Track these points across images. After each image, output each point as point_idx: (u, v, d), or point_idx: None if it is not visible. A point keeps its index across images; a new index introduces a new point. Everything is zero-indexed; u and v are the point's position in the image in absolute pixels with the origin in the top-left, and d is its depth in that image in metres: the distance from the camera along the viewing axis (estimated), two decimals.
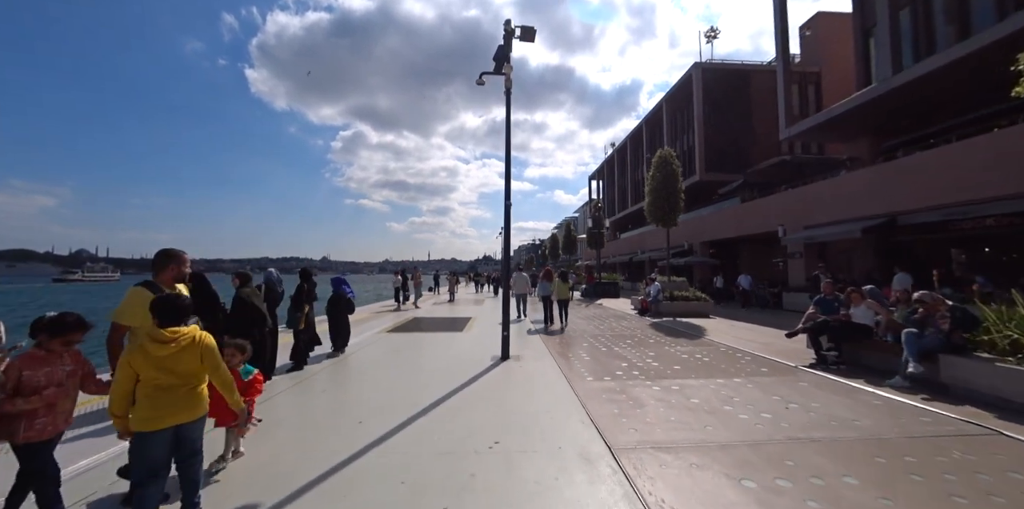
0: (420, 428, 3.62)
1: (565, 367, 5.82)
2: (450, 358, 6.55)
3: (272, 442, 3.28)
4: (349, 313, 6.97)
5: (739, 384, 4.88)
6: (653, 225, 15.23)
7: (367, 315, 13.21)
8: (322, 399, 4.48)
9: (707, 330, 9.42)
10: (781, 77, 17.04)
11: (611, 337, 8.54)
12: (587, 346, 7.55)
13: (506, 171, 6.60)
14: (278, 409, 4.14)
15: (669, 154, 14.42)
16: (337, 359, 6.44)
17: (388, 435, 3.46)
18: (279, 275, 5.65)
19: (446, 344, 7.90)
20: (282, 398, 4.48)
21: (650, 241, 29.54)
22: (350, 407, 4.20)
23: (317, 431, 3.56)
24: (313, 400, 4.46)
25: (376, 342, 8.05)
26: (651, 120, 33.11)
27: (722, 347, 7.29)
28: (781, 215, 16.10)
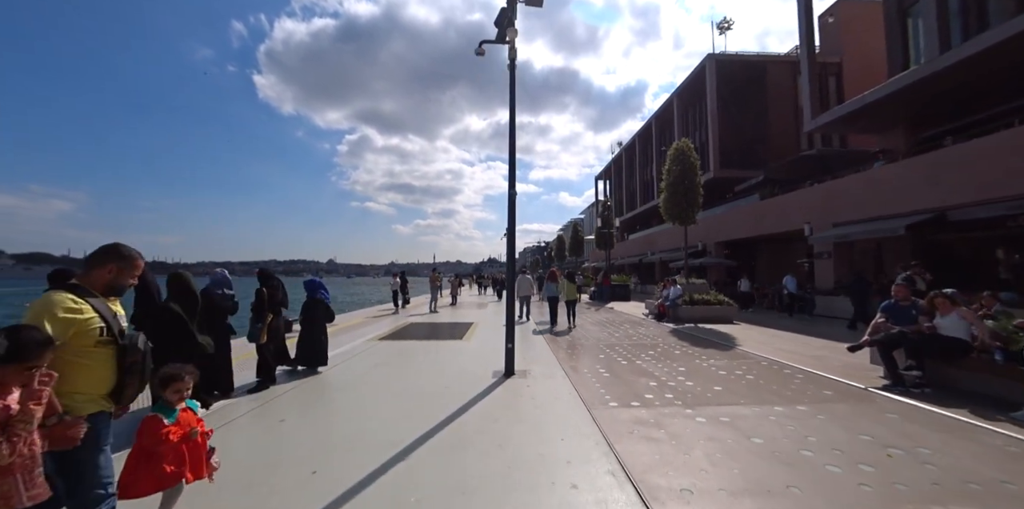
0: (392, 481, 2.64)
1: (581, 386, 4.81)
2: (444, 374, 5.56)
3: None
4: (328, 321, 6.02)
5: (806, 414, 3.84)
6: (669, 223, 14.15)
7: (362, 320, 12.28)
8: (274, 434, 3.51)
9: (737, 339, 8.35)
10: (805, 63, 15.93)
11: (630, 347, 7.51)
12: (604, 358, 6.52)
13: (510, 156, 5.63)
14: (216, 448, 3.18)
15: (687, 145, 13.37)
16: (312, 376, 5.48)
17: (348, 494, 2.49)
18: (226, 276, 4.60)
19: (442, 355, 6.92)
20: (226, 432, 3.52)
21: (661, 241, 28.40)
22: (308, 447, 3.23)
23: (251, 488, 2.58)
24: (263, 436, 3.49)
25: (363, 352, 7.09)
26: (661, 116, 32.02)
27: (763, 361, 6.22)
28: (807, 212, 14.96)
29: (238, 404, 4.23)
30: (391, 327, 10.45)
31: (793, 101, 23.85)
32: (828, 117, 14.79)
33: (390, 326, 10.64)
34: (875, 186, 12.23)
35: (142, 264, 2.11)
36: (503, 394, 4.58)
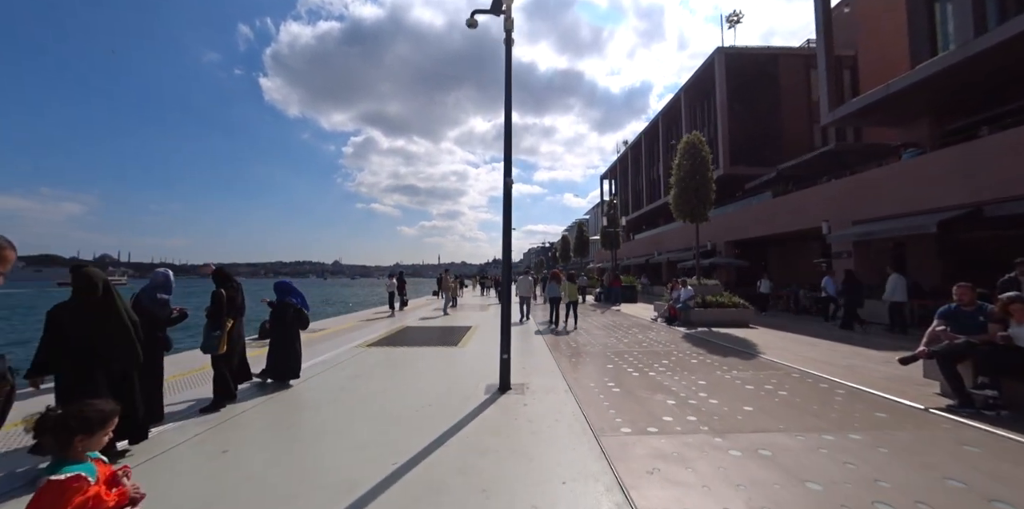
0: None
1: (588, 405, 4.12)
2: (431, 388, 4.89)
3: None
4: (301, 329, 5.37)
5: (863, 446, 3.12)
6: (679, 222, 13.41)
7: (354, 323, 11.66)
8: (208, 470, 2.85)
9: (758, 346, 7.61)
10: (823, 53, 15.12)
11: (641, 355, 6.79)
12: (612, 369, 5.82)
13: (506, 141, 4.97)
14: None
15: (698, 139, 12.64)
16: (281, 391, 4.83)
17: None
18: (168, 278, 3.84)
19: (433, 364, 6.25)
20: (151, 468, 2.87)
21: (668, 241, 27.60)
22: (243, 489, 2.56)
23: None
24: (193, 473, 2.83)
25: (345, 361, 6.44)
26: (668, 113, 31.24)
27: (793, 372, 5.49)
28: (824, 210, 14.16)
29: (183, 428, 3.59)
30: (384, 331, 9.81)
31: (806, 96, 23.03)
32: (847, 109, 13.99)
33: (383, 330, 10.00)
34: (902, 180, 11.43)
35: (13, 255, 1.72)
36: (495, 415, 3.90)
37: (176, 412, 4.02)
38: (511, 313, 4.96)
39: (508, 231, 4.82)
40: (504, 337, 4.82)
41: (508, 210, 4.86)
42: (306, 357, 6.70)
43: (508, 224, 4.84)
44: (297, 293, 5.51)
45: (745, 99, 23.26)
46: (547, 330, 9.93)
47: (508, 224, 4.84)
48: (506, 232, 4.82)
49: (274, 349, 5.13)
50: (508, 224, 4.84)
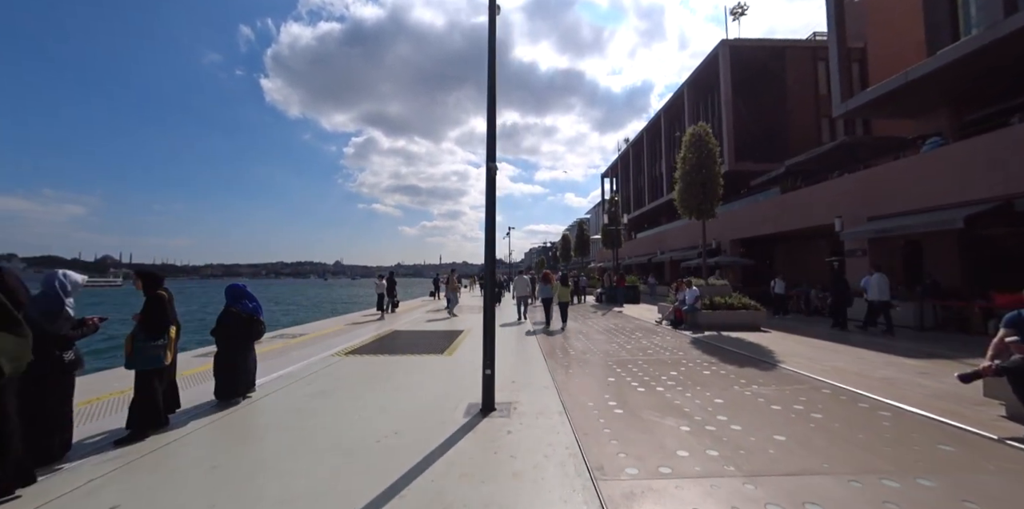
0: None
1: (585, 434, 3.42)
2: (403, 409, 4.19)
3: None
4: (254, 339, 4.68)
5: (943, 497, 2.41)
6: (684, 219, 12.69)
7: (340, 327, 10.96)
8: None
9: (775, 353, 6.89)
10: (835, 42, 14.38)
11: (646, 364, 6.08)
12: (614, 382, 5.11)
13: (489, 120, 4.26)
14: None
15: (704, 130, 11.92)
16: (225, 413, 4.13)
17: None
18: (65, 280, 3.09)
19: (412, 377, 5.55)
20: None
21: (671, 240, 26.87)
22: None
23: None
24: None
25: (315, 374, 5.74)
26: (671, 109, 30.50)
27: (824, 387, 4.76)
28: (837, 205, 13.44)
29: (80, 469, 2.89)
30: (369, 337, 9.11)
31: (813, 89, 22.28)
32: (862, 99, 13.25)
33: (368, 335, 9.30)
34: (923, 173, 10.69)
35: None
36: (471, 448, 3.19)
37: (90, 443, 3.33)
38: (495, 319, 4.24)
39: (492, 221, 4.12)
40: (487, 348, 4.11)
41: (492, 198, 4.16)
42: (273, 367, 6.04)
43: (492, 213, 4.14)
44: (251, 298, 4.82)
45: (750, 93, 22.51)
46: (543, 332, 9.23)
47: (492, 213, 4.14)
48: (489, 222, 4.12)
49: (220, 363, 4.43)
50: (492, 213, 4.14)
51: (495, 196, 4.15)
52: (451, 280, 14.53)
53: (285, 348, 7.74)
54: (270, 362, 6.46)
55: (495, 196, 4.15)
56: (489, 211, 4.12)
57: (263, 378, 5.37)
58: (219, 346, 4.56)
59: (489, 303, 4.22)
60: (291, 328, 11.05)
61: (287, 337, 9.12)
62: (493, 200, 4.15)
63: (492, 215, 4.16)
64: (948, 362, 6.07)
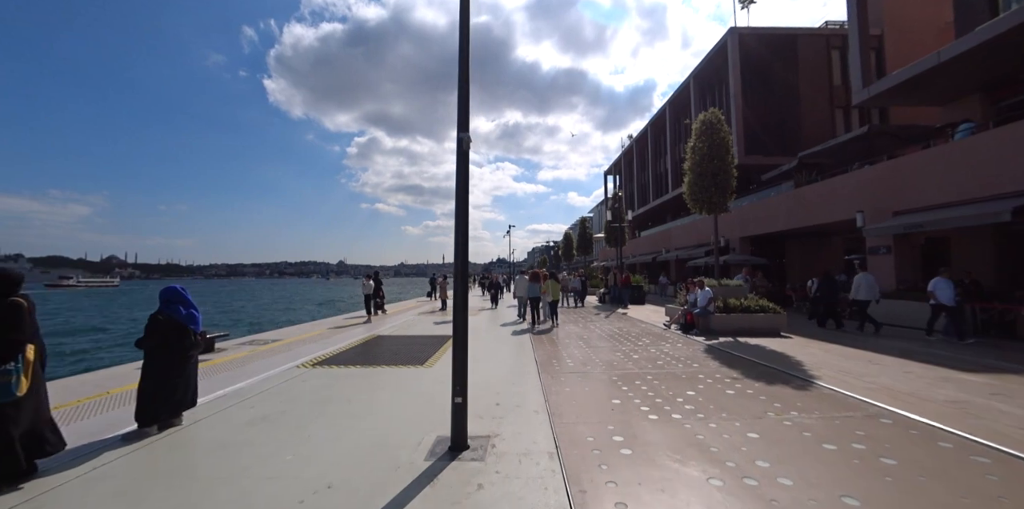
0: None
1: (582, 489, 2.53)
2: (352, 447, 3.31)
3: None
4: (191, 351, 3.82)
5: None
6: (696, 214, 11.76)
7: (321, 331, 10.11)
8: None
9: (804, 364, 5.96)
10: (855, 25, 13.37)
11: (657, 380, 5.17)
12: (620, 405, 4.20)
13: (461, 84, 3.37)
14: None
15: (716, 117, 10.96)
16: (123, 452, 3.26)
17: None
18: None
19: (378, 397, 4.67)
20: None
21: (677, 238, 25.89)
22: None
23: None
24: None
25: (267, 392, 4.87)
26: (676, 101, 29.48)
27: (882, 416, 3.83)
28: (858, 199, 12.46)
29: None
30: (347, 343, 8.25)
31: (827, 79, 21.22)
32: (886, 84, 12.25)
33: (347, 341, 8.44)
34: (957, 162, 9.70)
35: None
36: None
37: None
38: (466, 330, 3.36)
39: (464, 202, 3.24)
40: (458, 368, 3.23)
41: (465, 175, 3.28)
42: (225, 382, 5.18)
43: (464, 193, 3.26)
44: (188, 303, 3.95)
45: (760, 84, 21.49)
46: (540, 337, 8.33)
47: (464, 193, 3.26)
48: (461, 203, 3.23)
49: (141, 382, 3.57)
50: (464, 193, 3.26)
51: (468, 172, 3.26)
52: (441, 283, 13.71)
53: (249, 357, 6.90)
54: (224, 375, 5.62)
55: (468, 172, 3.26)
56: (461, 190, 3.24)
57: (206, 396, 4.52)
58: (145, 360, 3.71)
59: (460, 308, 3.32)
60: (265, 332, 10.21)
61: (257, 343, 8.28)
62: (466, 177, 3.26)
63: (465, 195, 3.27)
64: (1018, 378, 5.13)
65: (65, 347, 17.10)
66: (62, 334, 21.10)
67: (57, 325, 25.09)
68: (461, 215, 3.22)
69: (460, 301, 3.30)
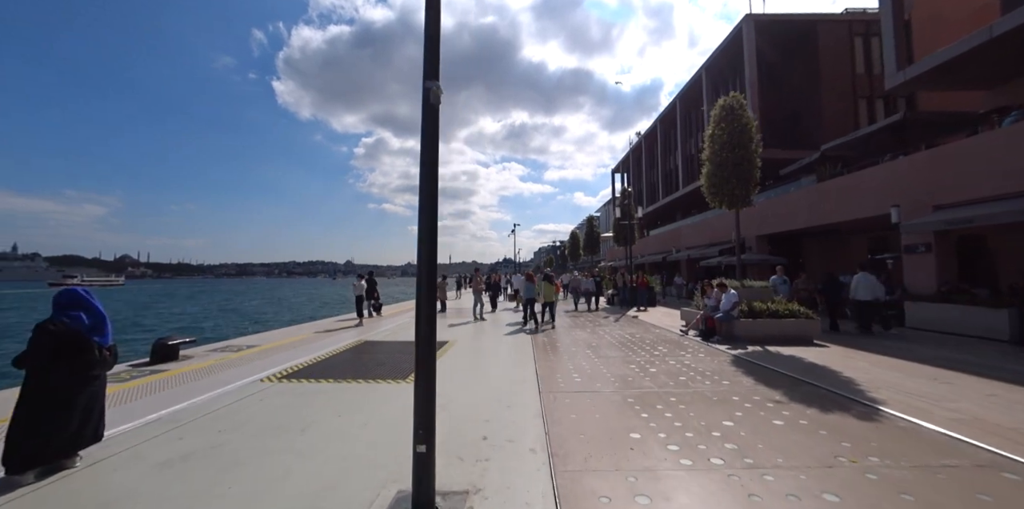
0: None
1: None
2: (292, 499, 2.45)
3: None
4: (94, 370, 3.00)
5: None
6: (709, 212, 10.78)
7: (306, 335, 9.31)
8: None
9: (856, 382, 5.00)
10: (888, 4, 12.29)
11: (682, 403, 4.25)
12: (640, 441, 3.30)
13: (428, 21, 2.50)
14: None
15: (738, 101, 9.99)
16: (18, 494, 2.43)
17: None
18: None
19: (339, 425, 3.81)
20: None
21: (688, 237, 24.83)
22: None
23: None
24: None
25: (213, 414, 4.04)
26: (686, 95, 28.39)
27: (1002, 467, 2.87)
28: (892, 193, 11.39)
29: None
30: (328, 350, 7.42)
31: (849, 67, 20.05)
32: (926, 66, 11.16)
33: (330, 348, 7.61)
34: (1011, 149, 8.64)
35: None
36: None
37: None
38: (434, 352, 2.47)
39: (432, 166, 2.37)
40: (420, 407, 2.35)
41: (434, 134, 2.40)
42: (165, 402, 4.35)
43: (433, 155, 2.38)
44: (91, 309, 3.12)
45: (777, 73, 20.39)
46: (543, 345, 7.44)
47: (433, 155, 2.38)
48: (428, 168, 2.36)
49: (21, 411, 2.75)
50: (433, 155, 2.38)
51: (436, 132, 2.39)
52: (476, 280, 12.93)
53: (212, 368, 6.09)
54: (170, 392, 4.80)
55: (436, 132, 2.39)
56: (428, 154, 2.36)
57: (129, 424, 3.71)
58: (25, 382, 2.88)
59: (424, 321, 2.43)
60: (245, 337, 9.42)
61: (230, 350, 7.48)
62: (435, 137, 2.39)
63: (433, 161, 2.39)
64: None
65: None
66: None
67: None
68: (428, 188, 2.35)
69: (424, 311, 2.41)
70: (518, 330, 10.06)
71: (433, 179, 2.39)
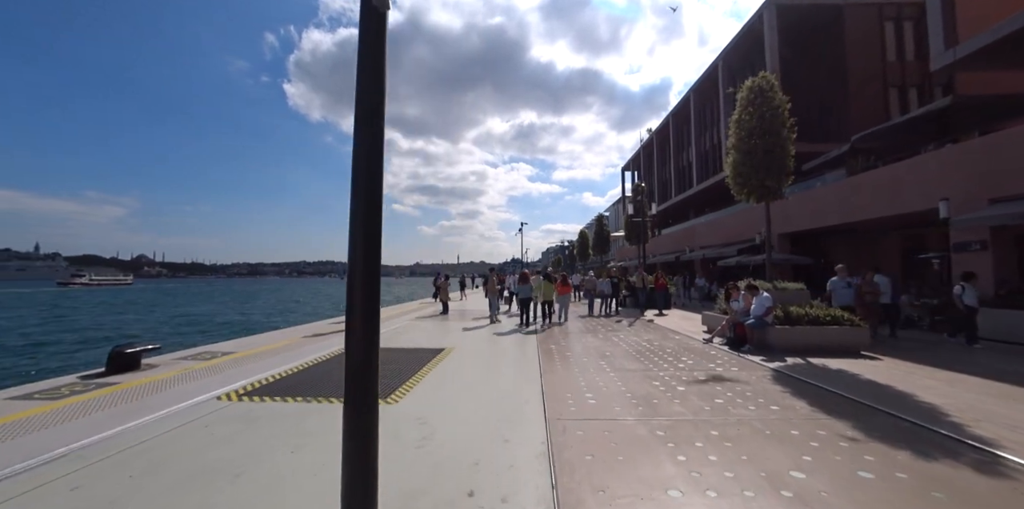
0: None
1: None
2: None
3: None
4: None
5: None
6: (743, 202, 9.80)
7: (295, 340, 8.53)
8: None
9: (946, 411, 4.03)
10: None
11: (727, 439, 3.33)
12: (683, 501, 2.40)
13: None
14: None
15: (769, 82, 9.02)
16: None
17: None
18: None
19: (290, 470, 2.97)
20: None
21: (702, 236, 23.73)
22: None
23: None
24: None
25: (134, 448, 3.24)
26: (700, 88, 27.24)
27: None
28: (938, 185, 10.28)
29: None
30: (310, 358, 6.62)
31: (879, 54, 18.80)
32: (979, 43, 10.01)
33: (309, 357, 6.81)
34: None
35: None
36: None
37: None
38: (373, 405, 1.60)
39: (379, 79, 1.49)
40: (353, 485, 1.48)
41: (378, 46, 1.53)
42: (91, 428, 3.55)
43: (379, 69, 1.51)
44: None
45: (801, 62, 19.22)
46: (550, 354, 6.55)
47: (379, 69, 1.51)
48: (371, 78, 1.49)
49: None
50: (379, 69, 1.51)
51: (384, 49, 1.53)
52: (491, 281, 12.13)
53: (174, 380, 5.32)
54: (108, 412, 4.02)
55: (384, 49, 1.53)
56: (372, 64, 1.51)
57: (27, 460, 2.92)
58: None
59: (359, 344, 1.56)
60: (228, 342, 8.68)
61: (201, 358, 6.72)
62: (381, 55, 1.53)
63: (379, 72, 1.53)
64: None
65: None
66: None
67: None
68: (374, 96, 1.49)
69: (358, 324, 1.55)
70: (524, 336, 9.19)
71: (379, 95, 1.53)
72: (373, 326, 1.55)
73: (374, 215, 1.55)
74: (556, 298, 12.67)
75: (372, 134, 1.52)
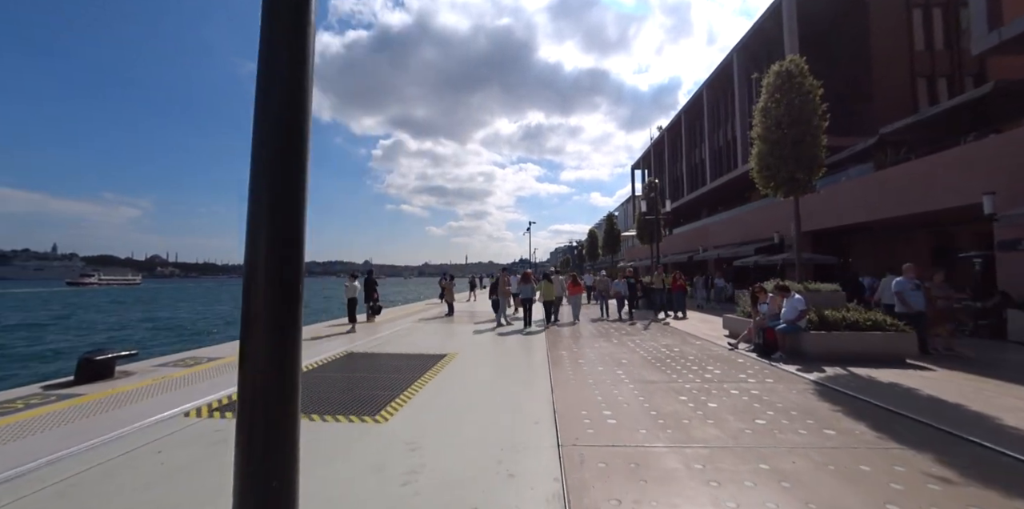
0: None
1: None
2: None
3: None
4: None
5: None
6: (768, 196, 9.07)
7: None
8: None
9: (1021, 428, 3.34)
10: None
11: (783, 477, 2.69)
12: None
13: None
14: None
15: (799, 66, 8.37)
16: None
17: None
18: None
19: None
20: None
21: (716, 235, 22.90)
22: None
23: None
24: None
25: (78, 476, 2.71)
26: (714, 83, 26.39)
27: None
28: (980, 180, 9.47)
29: None
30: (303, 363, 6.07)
31: (906, 43, 17.87)
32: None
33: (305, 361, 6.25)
34: None
35: None
36: None
37: None
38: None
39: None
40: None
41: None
42: (27, 453, 3.02)
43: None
44: None
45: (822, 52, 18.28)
46: (561, 363, 5.94)
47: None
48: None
49: None
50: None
51: None
52: (502, 282, 11.61)
53: (146, 390, 4.82)
54: (55, 432, 3.51)
55: None
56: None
57: None
58: None
59: (264, 356, 0.97)
60: (215, 346, 8.19)
61: (182, 365, 6.22)
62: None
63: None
64: None
65: None
66: None
67: None
68: None
69: (262, 354, 0.96)
70: (532, 341, 8.58)
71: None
72: (291, 359, 0.96)
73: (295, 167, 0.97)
74: (567, 299, 12.04)
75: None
